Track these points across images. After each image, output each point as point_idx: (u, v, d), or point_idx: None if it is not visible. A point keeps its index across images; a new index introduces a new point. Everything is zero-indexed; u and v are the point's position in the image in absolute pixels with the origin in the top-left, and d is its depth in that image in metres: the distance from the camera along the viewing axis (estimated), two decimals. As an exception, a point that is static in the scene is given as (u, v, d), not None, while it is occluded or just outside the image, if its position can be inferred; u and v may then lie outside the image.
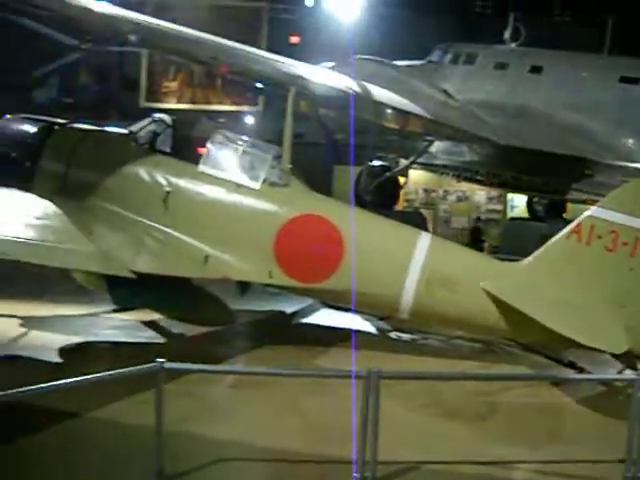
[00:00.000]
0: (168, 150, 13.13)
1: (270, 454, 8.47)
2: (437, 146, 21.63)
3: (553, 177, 21.20)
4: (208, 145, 12.78)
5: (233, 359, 12.24)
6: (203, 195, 12.49)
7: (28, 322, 13.97)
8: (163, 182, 12.56)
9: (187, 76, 30.44)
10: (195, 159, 12.97)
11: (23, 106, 20.42)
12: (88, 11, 13.21)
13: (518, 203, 27.89)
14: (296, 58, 16.25)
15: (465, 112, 20.59)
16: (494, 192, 27.91)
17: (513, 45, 23.54)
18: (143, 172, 12.75)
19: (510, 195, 27.72)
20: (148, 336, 13.58)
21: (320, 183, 13.56)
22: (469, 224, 27.85)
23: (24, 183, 12.74)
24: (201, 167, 12.64)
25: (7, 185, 11.75)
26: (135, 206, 12.52)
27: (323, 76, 16.15)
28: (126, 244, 11.71)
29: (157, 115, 13.62)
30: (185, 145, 13.40)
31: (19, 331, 13.43)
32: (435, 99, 19.98)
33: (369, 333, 14.74)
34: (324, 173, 23.70)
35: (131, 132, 13.44)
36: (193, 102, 30.47)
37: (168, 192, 12.47)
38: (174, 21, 15.51)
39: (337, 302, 13.52)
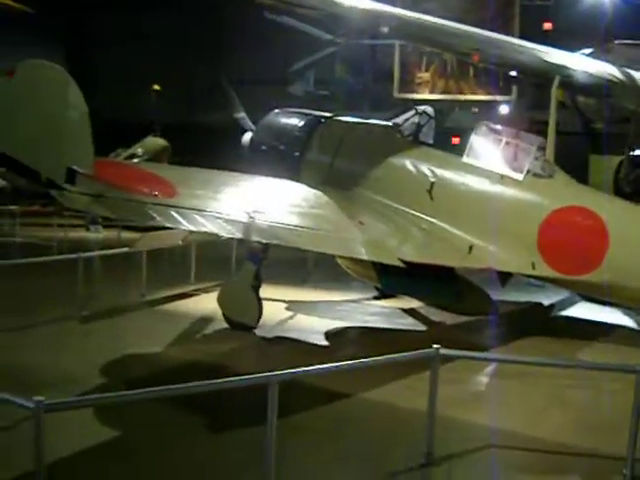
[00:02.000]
0: (431, 141, 13.38)
1: (537, 444, 8.43)
2: None
3: None
4: (472, 136, 12.90)
5: (493, 349, 12.20)
6: (467, 186, 12.64)
7: (293, 306, 14.72)
8: (428, 173, 12.82)
9: (440, 66, 30.56)
10: (450, 149, 13.17)
11: (280, 99, 21.39)
12: (354, 9, 13.60)
13: None
14: (550, 45, 15.96)
15: None
16: None
17: None
18: (408, 163, 13.08)
19: None
20: (408, 323, 13.93)
21: (575, 173, 13.30)
22: None
23: (292, 173, 13.43)
24: (465, 158, 12.80)
25: (277, 175, 12.43)
26: (400, 196, 12.87)
27: (584, 64, 15.81)
28: (393, 233, 12.02)
29: (420, 107, 13.87)
30: (439, 135, 13.60)
31: (286, 314, 14.16)
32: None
33: (629, 327, 14.36)
34: (579, 163, 23.12)
35: (395, 124, 13.81)
36: (446, 92, 30.50)
37: (433, 183, 12.72)
38: (425, 12, 15.64)
39: (600, 295, 13.20)
